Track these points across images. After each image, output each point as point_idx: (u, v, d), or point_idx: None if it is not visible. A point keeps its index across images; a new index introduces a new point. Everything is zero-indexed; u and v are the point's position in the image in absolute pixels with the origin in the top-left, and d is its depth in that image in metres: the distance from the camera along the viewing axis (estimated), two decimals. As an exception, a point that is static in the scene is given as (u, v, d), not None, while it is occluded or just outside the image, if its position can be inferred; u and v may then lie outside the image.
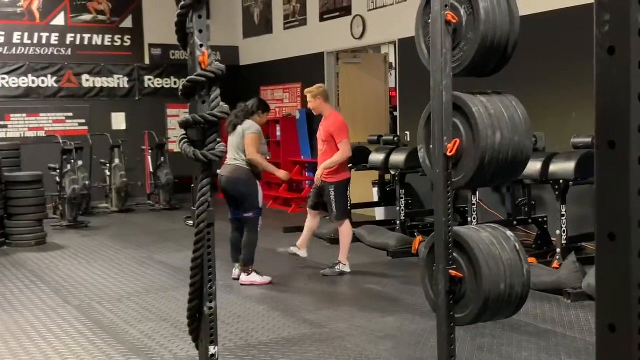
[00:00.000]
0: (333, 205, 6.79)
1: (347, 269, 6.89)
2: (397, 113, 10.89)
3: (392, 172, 8.44)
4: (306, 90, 7.08)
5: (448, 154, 3.11)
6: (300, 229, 9.35)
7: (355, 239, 8.45)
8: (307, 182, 12.22)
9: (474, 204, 6.81)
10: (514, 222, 7.52)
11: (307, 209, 7.27)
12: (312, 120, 12.32)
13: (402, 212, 8.31)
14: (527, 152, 3.28)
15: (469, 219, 6.87)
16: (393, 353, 4.55)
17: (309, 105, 7.06)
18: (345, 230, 6.93)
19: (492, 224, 3.46)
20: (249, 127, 6.48)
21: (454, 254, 3.20)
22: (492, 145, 3.12)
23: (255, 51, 13.85)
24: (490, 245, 3.20)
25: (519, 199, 7.80)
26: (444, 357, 3.24)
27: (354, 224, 8.74)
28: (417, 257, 7.36)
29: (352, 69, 11.84)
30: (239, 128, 6.49)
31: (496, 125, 3.14)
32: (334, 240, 8.46)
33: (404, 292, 6.16)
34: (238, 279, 6.55)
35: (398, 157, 8.22)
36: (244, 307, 5.75)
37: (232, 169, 6.50)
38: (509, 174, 3.41)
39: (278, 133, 12.61)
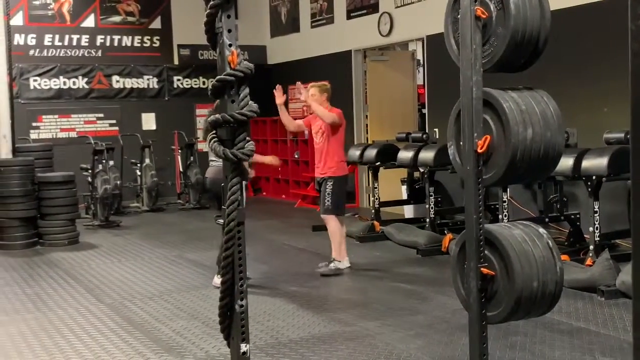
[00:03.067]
0: (328, 199, 6.69)
1: (343, 265, 6.78)
2: (425, 110, 10.83)
3: (422, 170, 8.40)
4: (314, 84, 7.05)
5: (479, 150, 3.09)
6: (329, 227, 9.39)
7: (384, 237, 8.46)
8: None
9: (505, 202, 6.75)
10: (546, 220, 7.43)
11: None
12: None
13: (431, 210, 8.26)
14: (559, 149, 3.24)
15: (500, 216, 6.80)
16: (424, 352, 4.52)
17: (314, 98, 6.99)
18: (334, 227, 6.77)
19: (524, 221, 3.42)
20: None
21: (486, 251, 3.18)
22: (523, 141, 3.09)
23: (283, 50, 13.87)
24: (522, 243, 3.17)
25: (551, 196, 7.70)
26: (476, 356, 3.21)
27: (383, 222, 8.76)
28: (447, 256, 7.31)
29: (380, 67, 11.80)
30: None
31: (528, 122, 3.11)
32: (364, 239, 8.46)
33: (434, 290, 6.13)
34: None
35: (427, 155, 8.18)
36: (274, 305, 5.77)
37: (216, 171, 6.29)
38: (541, 171, 3.37)
39: (306, 132, 12.58)
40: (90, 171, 10.66)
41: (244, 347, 3.00)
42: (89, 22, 12.87)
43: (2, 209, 8.85)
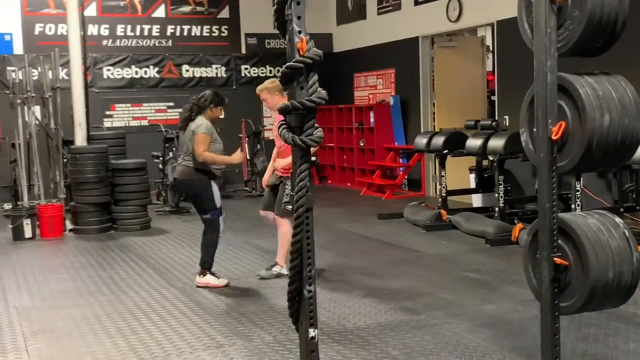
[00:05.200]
0: (287, 200, 6.15)
1: (284, 271, 6.14)
2: (495, 97, 10.62)
3: (491, 158, 8.24)
4: (259, 87, 6.38)
5: (553, 137, 3.01)
6: (394, 215, 9.35)
7: (452, 226, 8.36)
8: (401, 168, 12.14)
9: (578, 191, 6.56)
10: (621, 210, 7.19)
11: (262, 210, 6.59)
12: (406, 106, 12.22)
13: (501, 199, 8.11)
14: (637, 136, 3.13)
15: (572, 206, 6.62)
16: (493, 342, 4.46)
17: (265, 104, 6.48)
18: (287, 230, 6.20)
19: (599, 211, 3.32)
20: (199, 126, 5.94)
21: (559, 241, 3.10)
22: (600, 128, 3.00)
23: (349, 38, 13.83)
24: (597, 233, 3.08)
25: (627, 185, 7.44)
26: (547, 347, 3.15)
27: (450, 211, 8.66)
28: (517, 246, 7.17)
29: (448, 53, 11.63)
30: (190, 126, 6.03)
31: (605, 107, 3.01)
32: (431, 228, 8.39)
33: (503, 280, 6.02)
34: (217, 286, 6.10)
35: (497, 143, 8.02)
36: (340, 293, 5.78)
37: (182, 171, 6.10)
38: (618, 159, 3.26)
39: (372, 120, 12.57)
40: (161, 158, 10.93)
41: (312, 332, 3.03)
42: (160, 12, 13.14)
43: (78, 194, 9.17)
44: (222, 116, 6.36)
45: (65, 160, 9.97)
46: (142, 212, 9.37)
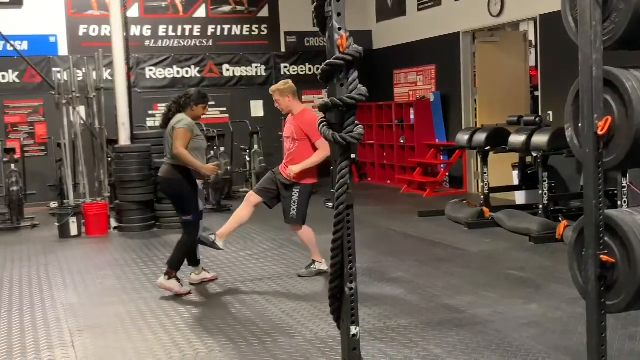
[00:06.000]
0: (294, 207, 6.17)
1: (324, 266, 6.22)
2: (538, 93, 10.45)
3: (534, 155, 8.11)
4: (272, 88, 6.29)
5: (599, 132, 2.94)
6: (436, 212, 9.28)
7: (494, 223, 8.26)
8: (442, 165, 12.04)
9: (624, 187, 6.41)
10: (669, 206, 7.00)
11: (251, 192, 6.44)
12: (447, 102, 12.12)
13: (545, 196, 7.98)
14: (686, 130, 3.03)
15: (619, 202, 6.47)
16: (538, 341, 4.39)
17: (277, 104, 6.30)
18: (305, 233, 6.34)
19: (647, 207, 3.24)
20: (179, 122, 5.84)
21: (606, 238, 3.03)
22: (648, 122, 2.91)
23: (389, 34, 13.77)
24: (646, 229, 3.00)
25: (675, 182, 7.25)
26: (593, 346, 3.08)
27: (493, 208, 8.56)
28: (561, 243, 7.06)
29: (490, 49, 11.48)
30: (171, 122, 5.92)
31: (653, 101, 2.93)
32: (473, 225, 8.30)
33: (548, 278, 5.93)
34: (195, 284, 6.12)
35: (541, 139, 7.89)
36: (382, 290, 5.76)
37: (164, 170, 5.97)
38: (667, 154, 3.17)
39: (412, 116, 12.49)
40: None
41: (353, 330, 3.02)
42: (201, 12, 13.28)
43: (122, 193, 9.33)
44: (204, 114, 6.18)
45: (109, 159, 10.15)
46: (184, 210, 9.46)
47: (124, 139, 9.68)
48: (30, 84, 12.23)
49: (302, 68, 13.93)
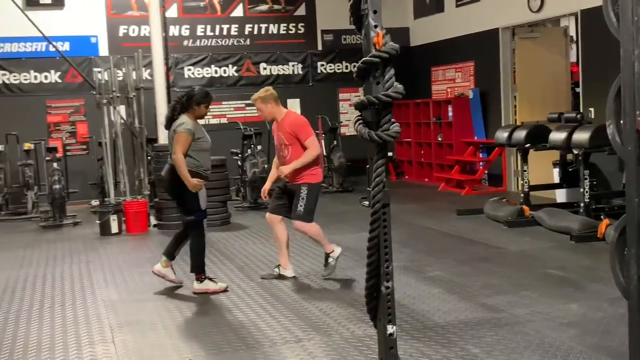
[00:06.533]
0: (301, 204, 6.03)
1: (337, 251, 6.25)
2: (579, 89, 10.27)
3: (575, 152, 7.98)
4: (253, 97, 6.28)
5: (641, 129, 2.88)
6: (474, 211, 9.19)
7: (534, 222, 8.14)
8: (481, 163, 11.92)
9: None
10: None
11: (269, 214, 6.35)
12: (486, 99, 11.99)
13: (586, 194, 7.83)
14: None
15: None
16: (578, 341, 4.32)
17: (260, 113, 6.28)
18: (313, 230, 6.20)
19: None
20: (180, 125, 5.80)
21: (649, 237, 2.97)
22: (693, 118, 2.84)
23: (427, 31, 13.67)
24: (691, 229, 2.92)
25: None
26: (635, 347, 3.02)
27: (533, 207, 8.44)
28: (603, 242, 6.93)
29: (530, 45, 11.32)
30: (174, 125, 5.89)
31: (698, 97, 2.85)
32: (513, 224, 8.20)
33: (588, 278, 5.82)
34: (157, 274, 6.12)
35: (582, 136, 7.75)
36: (419, 289, 5.73)
37: (167, 170, 5.95)
38: None
39: (450, 114, 12.38)
40: (239, 155, 11.11)
41: (390, 329, 3.01)
42: (238, 11, 13.37)
43: (161, 191, 9.43)
44: (206, 113, 6.17)
45: (149, 157, 10.29)
46: (222, 207, 9.55)
47: (163, 138, 9.78)
48: (72, 84, 12.47)
49: (338, 66, 13.93)
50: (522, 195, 8.80)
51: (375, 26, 2.92)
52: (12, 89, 12.25)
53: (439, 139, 12.74)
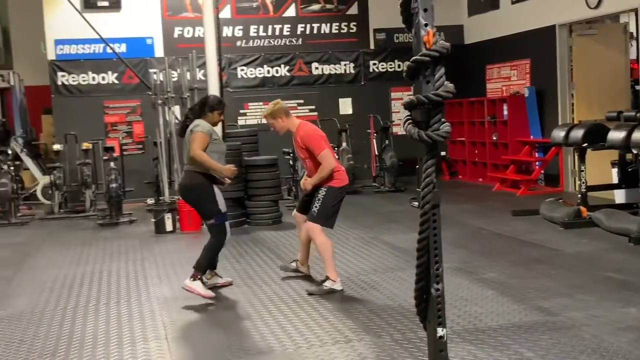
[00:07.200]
0: (317, 204, 5.82)
1: (338, 286, 5.81)
2: (639, 87, 9.96)
3: (635, 152, 7.74)
4: (263, 114, 6.20)
5: None
6: (530, 212, 9.00)
7: (592, 223, 7.94)
8: (537, 163, 11.68)
9: None
10: None
11: (295, 212, 6.29)
12: (542, 97, 11.75)
13: (646, 195, 7.60)
14: None
15: None
16: (635, 346, 4.18)
17: (272, 128, 6.13)
18: (321, 241, 5.87)
19: None
20: (197, 126, 5.79)
21: None
22: None
23: (481, 29, 13.48)
24: None
25: None
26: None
27: (591, 208, 8.23)
28: (664, 244, 6.70)
29: (588, 42, 11.03)
30: (188, 129, 5.88)
31: None
32: (570, 225, 8.01)
33: (649, 281, 5.64)
34: (220, 286, 6.10)
35: (641, 135, 7.51)
36: (472, 291, 5.64)
37: (184, 176, 5.94)
38: None
39: (505, 112, 12.17)
40: (291, 155, 11.14)
41: (440, 331, 2.97)
42: (290, 11, 13.43)
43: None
44: (219, 120, 6.14)
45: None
46: (273, 207, 9.60)
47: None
48: (128, 85, 12.73)
49: (391, 65, 13.86)
50: (579, 195, 8.59)
51: (426, 25, 2.89)
52: (71, 90, 12.58)
53: (494, 138, 12.54)
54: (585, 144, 8.44)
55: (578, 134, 8.52)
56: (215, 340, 4.82)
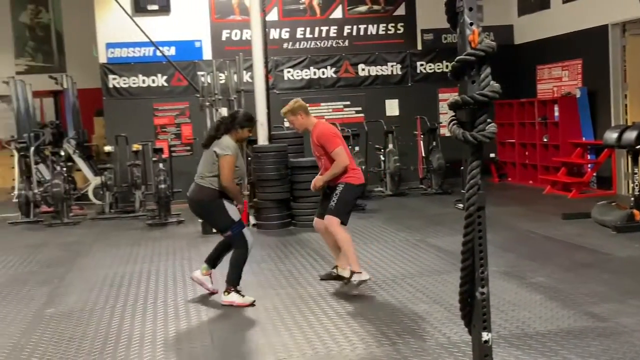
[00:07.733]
0: (334, 199, 5.86)
1: (365, 276, 5.91)
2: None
3: (691, 153, 7.49)
4: (283, 110, 6.19)
5: None
6: (581, 215, 8.79)
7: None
8: (589, 165, 11.41)
9: None
10: None
11: (316, 219, 6.22)
12: (595, 98, 11.48)
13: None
14: None
15: None
16: (692, 356, 4.04)
17: (292, 125, 6.23)
18: (342, 236, 5.89)
19: None
20: (225, 148, 5.67)
21: None
22: None
23: (531, 29, 13.23)
24: None
25: None
26: None
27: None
28: None
29: (642, 41, 10.74)
30: (214, 145, 5.75)
31: None
32: (622, 229, 7.79)
33: None
34: (195, 281, 6.09)
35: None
36: (520, 296, 5.53)
37: (196, 190, 5.81)
38: None
39: (556, 114, 11.91)
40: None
41: (485, 336, 2.91)
42: (337, 13, 13.41)
43: (260, 191, 9.61)
44: (248, 137, 6.08)
45: (249, 158, 10.49)
46: (315, 209, 9.57)
47: (263, 139, 9.96)
48: (177, 87, 12.90)
49: (438, 65, 13.71)
50: (632, 198, 8.35)
51: (471, 23, 2.83)
52: (122, 93, 12.81)
53: (545, 140, 12.29)
54: (638, 146, 8.21)
55: (631, 135, 8.31)
56: (258, 340, 4.84)
